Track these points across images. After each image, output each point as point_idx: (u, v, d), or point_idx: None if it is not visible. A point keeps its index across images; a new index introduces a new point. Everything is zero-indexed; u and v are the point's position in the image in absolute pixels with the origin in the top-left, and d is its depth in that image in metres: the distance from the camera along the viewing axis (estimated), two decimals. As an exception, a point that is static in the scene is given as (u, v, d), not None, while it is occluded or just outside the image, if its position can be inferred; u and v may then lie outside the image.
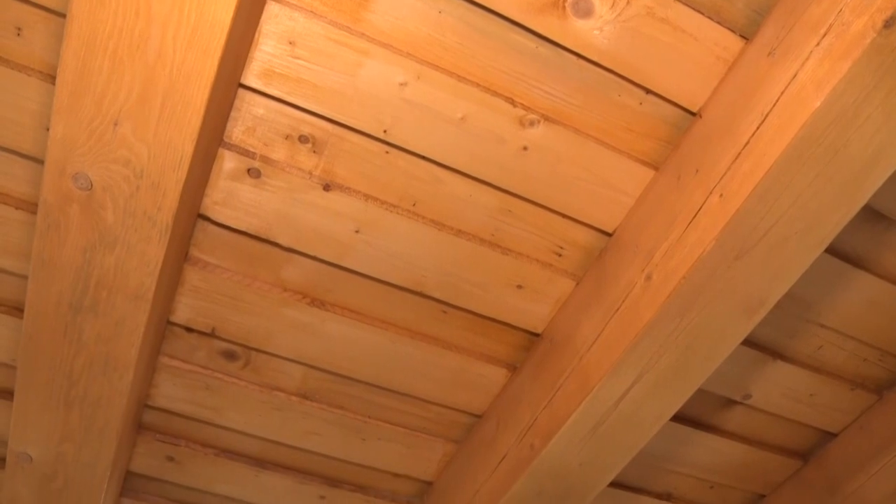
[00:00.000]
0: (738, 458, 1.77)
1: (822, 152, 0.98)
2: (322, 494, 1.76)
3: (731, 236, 1.06)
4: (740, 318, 1.17)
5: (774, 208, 1.03)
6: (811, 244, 1.09)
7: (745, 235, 1.06)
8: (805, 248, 1.09)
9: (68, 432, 1.33)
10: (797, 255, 1.10)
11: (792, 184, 1.01)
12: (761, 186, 1.00)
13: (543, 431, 1.32)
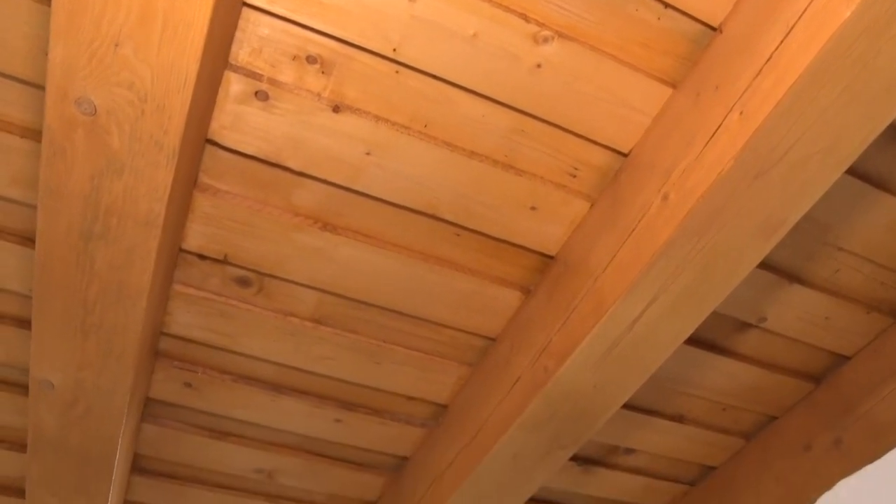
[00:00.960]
0: (751, 381, 1.77)
1: (850, 65, 0.94)
2: (338, 418, 1.78)
3: (751, 155, 1.03)
4: (758, 239, 1.15)
5: (797, 126, 1.00)
6: (834, 163, 1.06)
7: (766, 154, 1.03)
8: (827, 167, 1.06)
9: (86, 360, 1.34)
10: (819, 174, 1.07)
11: (816, 99, 0.97)
12: (784, 103, 0.97)
13: (557, 353, 1.32)
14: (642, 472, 2.05)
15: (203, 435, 1.84)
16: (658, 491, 2.12)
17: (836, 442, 1.71)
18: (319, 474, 1.98)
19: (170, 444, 1.87)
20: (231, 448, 1.87)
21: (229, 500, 2.08)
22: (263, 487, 2.04)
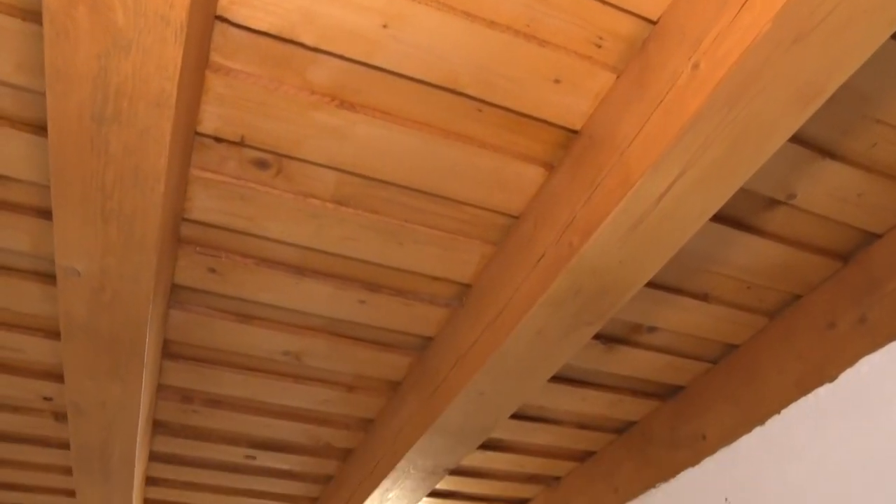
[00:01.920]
0: (777, 259, 1.75)
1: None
2: (362, 299, 1.79)
3: (791, 16, 0.96)
4: (794, 109, 1.10)
5: (842, -17, 0.93)
6: (880, 25, 0.99)
7: (807, 15, 0.96)
8: (873, 29, 0.99)
9: (109, 246, 1.34)
10: (863, 37, 1.00)
11: (866, -51, 0.90)
12: (828, -43, 0.90)
13: (582, 229, 1.30)
14: (665, 350, 2.06)
15: (229, 319, 1.87)
16: (680, 369, 2.14)
17: (860, 320, 1.70)
18: (345, 355, 2.02)
19: (198, 329, 1.91)
20: (258, 331, 1.91)
21: (258, 382, 2.13)
22: (291, 369, 2.09)
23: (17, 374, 2.10)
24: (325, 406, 2.26)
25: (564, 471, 2.72)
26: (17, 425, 2.39)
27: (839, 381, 1.75)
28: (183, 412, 2.30)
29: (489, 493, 2.89)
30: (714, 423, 2.08)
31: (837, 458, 1.72)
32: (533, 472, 2.73)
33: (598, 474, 2.55)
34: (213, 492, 2.87)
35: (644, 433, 2.36)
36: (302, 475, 2.73)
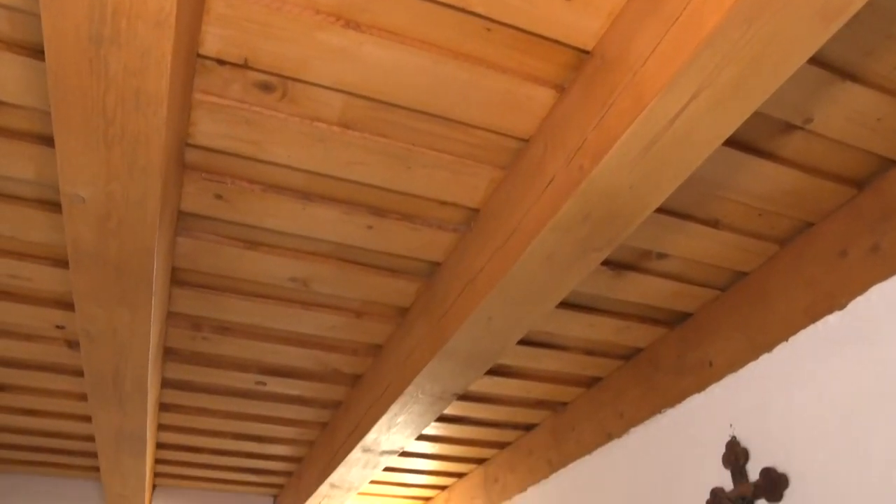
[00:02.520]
0: (791, 186, 1.72)
1: None
2: (369, 224, 1.78)
3: (815, -74, 0.92)
4: (816, 27, 1.05)
5: None
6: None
7: (832, -76, 0.92)
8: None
9: (113, 172, 1.33)
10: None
11: None
12: None
13: (593, 152, 1.27)
14: (673, 277, 2.06)
15: (237, 246, 1.86)
16: (688, 296, 2.14)
17: (873, 248, 1.68)
18: (353, 281, 2.02)
19: (205, 257, 1.91)
20: (265, 258, 1.90)
21: (267, 309, 2.14)
22: (299, 295, 2.10)
23: (29, 302, 2.11)
24: (334, 332, 2.28)
25: (571, 396, 2.76)
26: (31, 353, 2.42)
27: (849, 309, 1.74)
28: (193, 339, 2.32)
29: (497, 419, 2.94)
30: (721, 350, 2.09)
31: (844, 386, 1.73)
32: (540, 398, 2.76)
33: (605, 400, 2.58)
34: (224, 417, 2.92)
35: (651, 360, 2.38)
36: (311, 401, 2.78)
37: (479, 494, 3.45)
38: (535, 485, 2.96)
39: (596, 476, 2.59)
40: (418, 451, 3.28)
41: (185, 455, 3.36)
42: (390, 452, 2.58)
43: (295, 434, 3.09)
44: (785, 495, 1.81)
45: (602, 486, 2.54)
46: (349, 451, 2.57)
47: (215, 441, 3.19)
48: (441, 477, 3.70)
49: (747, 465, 1.93)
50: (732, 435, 1.99)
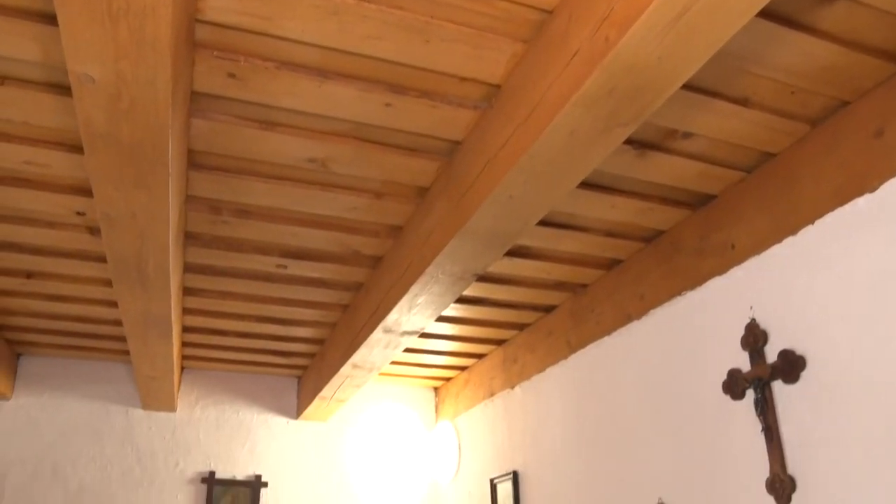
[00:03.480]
0: (827, 61, 1.64)
1: None
2: (388, 102, 1.73)
3: None
4: None
5: None
6: None
7: None
8: None
9: (121, 49, 1.28)
10: None
11: None
12: None
13: (620, 22, 1.20)
14: (699, 158, 2.01)
15: (253, 127, 1.83)
16: (713, 177, 2.09)
17: (911, 128, 1.61)
18: (372, 161, 1.98)
19: (221, 138, 1.88)
20: (281, 138, 1.87)
21: (286, 191, 2.13)
22: (318, 176, 2.07)
23: (48, 189, 2.11)
24: (354, 213, 2.27)
25: (591, 278, 2.76)
26: (55, 240, 2.44)
27: (880, 191, 1.69)
28: (213, 223, 2.32)
29: (516, 300, 2.96)
30: (744, 232, 2.06)
31: (869, 270, 1.70)
32: (560, 280, 2.77)
33: (625, 282, 2.58)
34: (247, 301, 2.97)
35: (673, 242, 2.36)
36: (332, 283, 2.80)
37: (498, 375, 3.52)
38: (553, 365, 3.02)
39: (614, 357, 2.62)
40: (438, 332, 3.33)
41: (211, 338, 3.44)
42: (411, 333, 2.62)
43: (317, 316, 3.14)
44: (802, 377, 1.82)
45: (620, 366, 2.58)
46: (370, 331, 2.61)
47: (239, 324, 3.25)
48: (461, 358, 3.78)
49: (766, 347, 1.94)
50: (752, 317, 1.99)
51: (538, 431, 3.10)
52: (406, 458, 4.16)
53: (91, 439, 3.67)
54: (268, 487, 3.85)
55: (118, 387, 3.78)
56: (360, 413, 4.15)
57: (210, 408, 3.92)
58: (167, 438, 3.79)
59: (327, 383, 3.30)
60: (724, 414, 2.05)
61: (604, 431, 2.63)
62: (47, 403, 3.66)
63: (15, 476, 3.51)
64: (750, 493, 1.92)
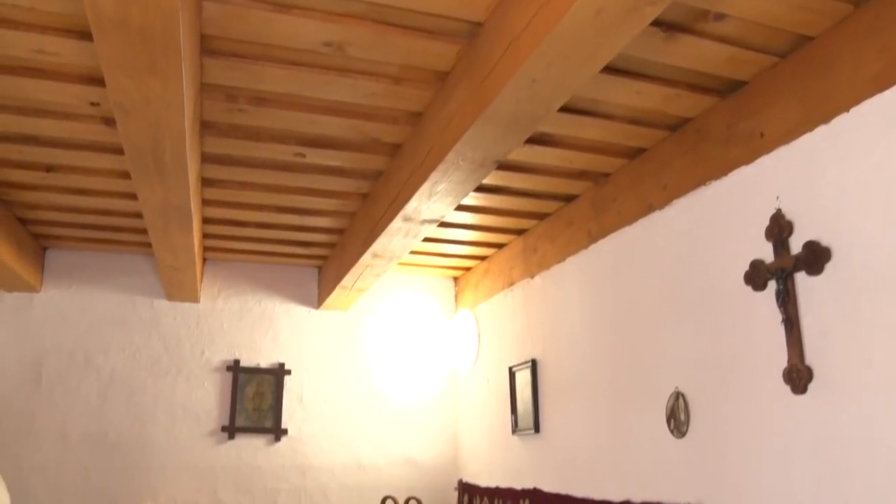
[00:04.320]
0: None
1: None
2: None
3: None
4: None
5: None
6: None
7: None
8: None
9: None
10: None
11: None
12: None
13: None
14: (730, 41, 1.92)
15: (266, 9, 1.76)
16: (744, 62, 2.01)
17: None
18: (390, 45, 1.92)
19: (234, 22, 1.81)
20: (296, 21, 1.80)
21: (301, 77, 2.07)
22: (335, 61, 2.01)
23: (60, 79, 2.07)
24: (372, 100, 2.21)
25: (613, 167, 2.71)
26: (71, 132, 2.42)
27: (922, 78, 1.62)
28: (229, 111, 2.28)
29: (537, 189, 2.93)
30: (774, 120, 1.99)
31: (905, 159, 1.64)
32: (581, 168, 2.72)
33: (648, 171, 2.53)
34: (266, 191, 2.95)
35: (698, 130, 2.29)
36: (351, 171, 2.77)
37: (517, 265, 3.53)
38: (573, 255, 3.01)
39: (635, 247, 2.61)
40: (458, 221, 3.32)
41: (231, 229, 3.46)
42: (431, 221, 2.61)
43: (336, 206, 3.13)
44: (826, 268, 1.80)
45: (641, 257, 2.56)
46: (390, 220, 2.60)
47: (259, 215, 3.25)
48: (480, 248, 3.78)
49: (790, 237, 1.90)
50: (778, 207, 1.95)
51: (557, 320, 3.13)
52: (426, 347, 4.24)
53: (119, 330, 3.76)
54: (291, 375, 3.96)
55: (142, 278, 3.85)
56: (380, 302, 4.21)
57: (232, 298, 3.98)
58: (192, 328, 3.88)
59: (347, 273, 3.33)
60: (745, 305, 2.04)
61: (623, 321, 2.65)
62: (75, 296, 3.74)
63: (51, 365, 3.63)
64: (766, 383, 1.94)
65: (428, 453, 4.11)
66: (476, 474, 3.88)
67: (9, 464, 3.32)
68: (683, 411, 2.25)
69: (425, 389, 4.19)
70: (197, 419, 3.79)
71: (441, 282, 4.35)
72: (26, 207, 3.16)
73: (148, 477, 3.66)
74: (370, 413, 4.06)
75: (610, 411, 2.68)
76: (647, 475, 2.43)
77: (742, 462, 2.01)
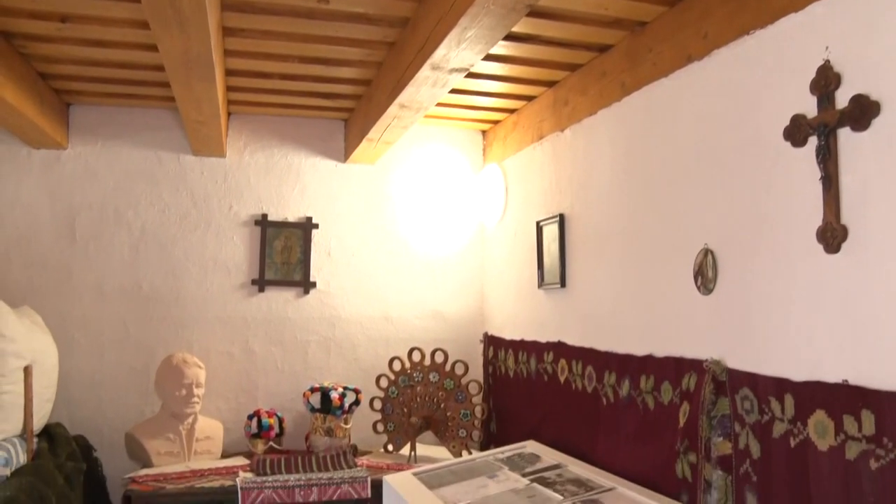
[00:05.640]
0: None
1: None
2: None
3: None
4: None
5: None
6: None
7: None
8: None
9: None
10: None
11: None
12: None
13: None
14: None
15: None
16: None
17: None
18: None
19: None
20: None
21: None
22: None
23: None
24: (397, -58, 2.09)
25: (651, 15, 2.57)
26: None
27: None
28: (247, -44, 2.17)
29: (569, 38, 2.80)
30: (828, -38, 1.85)
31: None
32: (617, 16, 2.59)
33: (688, 20, 2.40)
34: (290, 40, 2.86)
35: (744, -26, 2.15)
36: (377, 18, 2.66)
37: (547, 117, 3.44)
38: (606, 108, 2.92)
39: (671, 100, 2.51)
40: (487, 72, 3.21)
41: (255, 81, 3.39)
42: (459, 70, 2.52)
43: (362, 55, 3.03)
44: (873, 124, 1.72)
45: (677, 110, 2.47)
46: (417, 69, 2.51)
47: (283, 66, 3.17)
48: (509, 100, 3.68)
49: (837, 91, 1.81)
50: (826, 58, 1.84)
51: (587, 175, 3.08)
52: (453, 201, 4.23)
53: (147, 185, 3.79)
54: (318, 229, 3.99)
55: (168, 133, 3.83)
56: (407, 156, 4.17)
57: (258, 152, 3.96)
58: (219, 183, 3.89)
59: (374, 125, 3.27)
60: (782, 161, 1.98)
61: (654, 176, 2.59)
62: (101, 152, 3.74)
63: (83, 220, 3.69)
64: (799, 242, 1.91)
65: (454, 306, 4.20)
66: (501, 327, 3.97)
67: (53, 318, 3.45)
68: (711, 268, 2.24)
69: (452, 243, 4.22)
70: (227, 272, 3.88)
71: (469, 135, 4.28)
72: (45, 61, 3.10)
73: (182, 328, 3.79)
74: (397, 266, 4.12)
75: (637, 267, 2.69)
76: (670, 331, 2.46)
77: (767, 319, 2.01)
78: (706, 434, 2.17)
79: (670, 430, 2.37)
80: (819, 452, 1.79)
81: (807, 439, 1.83)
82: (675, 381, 2.38)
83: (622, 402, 2.69)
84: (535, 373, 3.47)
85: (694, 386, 2.26)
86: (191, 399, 3.43)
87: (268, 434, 3.58)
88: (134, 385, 3.70)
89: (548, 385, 3.33)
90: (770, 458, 1.96)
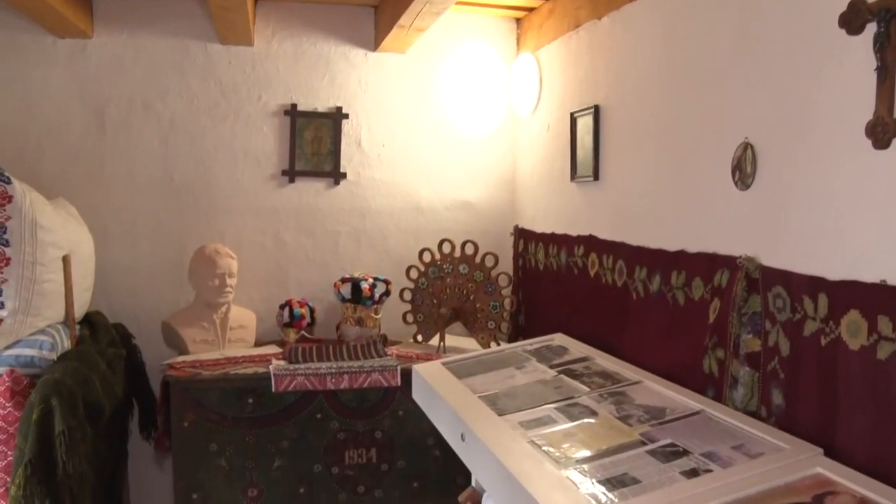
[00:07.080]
0: None
1: None
2: None
3: None
4: None
5: None
6: None
7: None
8: None
9: None
10: None
11: None
12: None
13: None
14: None
15: None
16: None
17: None
18: None
19: None
20: None
21: None
22: None
23: None
24: None
25: None
26: None
27: None
28: None
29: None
30: None
31: None
32: None
33: None
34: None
35: None
36: None
37: (584, 5, 3.30)
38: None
39: (715, -16, 2.38)
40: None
41: (280, -36, 3.27)
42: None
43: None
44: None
45: None
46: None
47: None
48: (545, -14, 3.53)
49: (898, -29, 1.68)
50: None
51: (624, 65, 2.97)
52: (486, 90, 4.13)
53: (175, 75, 3.73)
54: (348, 119, 3.94)
55: (194, 21, 3.73)
56: (439, 46, 4.05)
57: (287, 41, 3.87)
58: (247, 72, 3.82)
59: (405, 11, 3.16)
60: (835, 50, 1.86)
61: (695, 66, 2.48)
62: (128, 41, 3.67)
63: (112, 111, 3.67)
64: (845, 136, 1.82)
65: (485, 198, 4.17)
66: (532, 220, 3.95)
67: (88, 209, 3.48)
68: (751, 163, 2.17)
69: (484, 135, 4.15)
70: (257, 163, 3.86)
71: (503, 23, 4.13)
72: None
73: (214, 219, 3.82)
74: (428, 157, 4.07)
75: (672, 161, 2.62)
76: (704, 227, 2.41)
77: (806, 217, 1.96)
78: (735, 331, 2.16)
79: (699, 326, 2.36)
80: (850, 352, 1.77)
81: (838, 338, 1.81)
82: (706, 278, 2.36)
83: (652, 297, 2.68)
84: (565, 266, 3.46)
85: (726, 283, 2.23)
86: (224, 289, 3.50)
87: (299, 323, 3.65)
88: (168, 275, 3.76)
89: (577, 279, 3.33)
90: (799, 356, 1.95)
